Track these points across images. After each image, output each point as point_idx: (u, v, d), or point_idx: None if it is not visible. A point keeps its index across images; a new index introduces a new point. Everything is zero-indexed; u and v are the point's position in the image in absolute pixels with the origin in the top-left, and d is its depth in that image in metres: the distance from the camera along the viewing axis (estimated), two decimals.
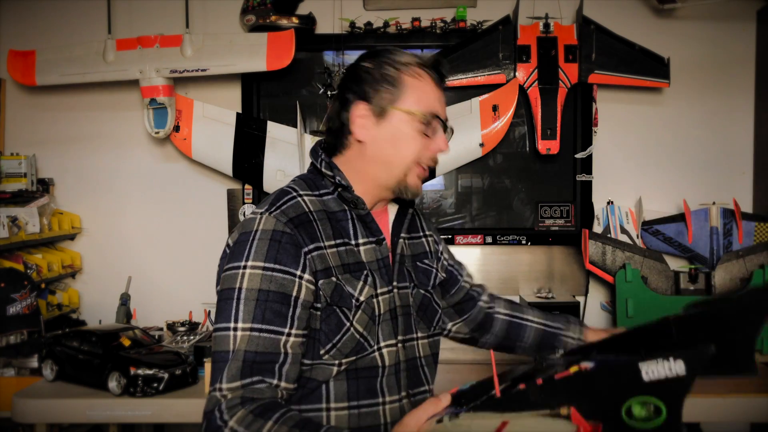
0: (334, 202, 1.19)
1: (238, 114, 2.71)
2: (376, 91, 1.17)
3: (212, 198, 2.84)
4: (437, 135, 1.20)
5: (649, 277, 2.58)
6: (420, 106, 1.17)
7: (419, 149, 1.19)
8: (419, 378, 1.22)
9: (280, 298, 1.07)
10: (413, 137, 1.18)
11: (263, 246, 1.08)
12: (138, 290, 2.64)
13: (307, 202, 1.16)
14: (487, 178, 2.84)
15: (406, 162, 1.18)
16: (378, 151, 1.19)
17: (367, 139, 1.19)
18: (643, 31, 2.73)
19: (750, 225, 2.64)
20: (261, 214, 1.12)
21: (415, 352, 1.22)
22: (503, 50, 2.66)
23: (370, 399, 1.15)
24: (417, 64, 1.19)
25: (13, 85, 2.82)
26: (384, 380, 1.16)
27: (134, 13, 2.81)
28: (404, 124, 1.18)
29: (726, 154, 2.83)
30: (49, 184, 2.80)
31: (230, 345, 1.05)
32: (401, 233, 1.26)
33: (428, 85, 1.19)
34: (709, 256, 2.65)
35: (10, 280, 2.17)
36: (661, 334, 0.85)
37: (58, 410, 1.82)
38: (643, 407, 0.73)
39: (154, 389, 1.85)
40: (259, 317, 1.06)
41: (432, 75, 1.20)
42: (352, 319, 1.12)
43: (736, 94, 2.82)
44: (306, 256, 1.09)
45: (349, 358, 1.12)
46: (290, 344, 1.07)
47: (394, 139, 1.18)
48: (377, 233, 1.20)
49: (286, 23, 2.64)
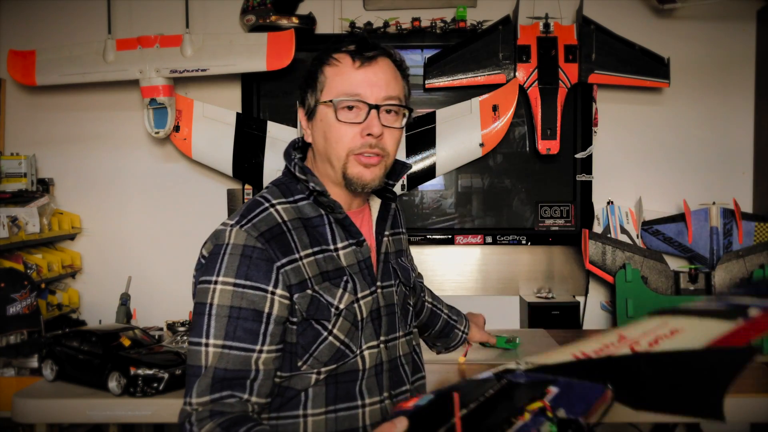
0: (309, 208, 1.15)
1: (238, 114, 2.72)
2: (305, 93, 1.17)
3: (212, 198, 2.84)
4: (368, 118, 1.12)
5: (649, 277, 2.58)
6: (336, 93, 1.13)
7: (348, 138, 1.12)
8: (401, 377, 1.20)
9: (251, 315, 1.05)
10: (336, 126, 1.12)
11: (234, 261, 1.06)
12: (138, 290, 2.64)
13: (280, 211, 1.12)
14: (487, 178, 2.84)
15: (340, 155, 1.13)
16: (318, 149, 1.17)
17: (311, 140, 1.18)
18: (643, 31, 2.73)
19: (750, 225, 2.64)
20: (231, 227, 1.09)
21: (396, 351, 1.20)
22: (503, 50, 2.66)
23: (348, 402, 1.12)
24: (339, 52, 1.14)
25: (13, 85, 2.82)
26: (364, 383, 1.13)
27: (134, 13, 2.81)
28: (326, 116, 1.14)
29: (726, 154, 2.83)
30: (49, 184, 2.80)
31: (202, 360, 1.04)
32: (385, 230, 1.24)
33: (346, 67, 1.13)
34: (709, 256, 2.65)
35: (10, 280, 2.17)
36: (628, 369, 0.85)
37: (58, 410, 1.82)
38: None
39: (154, 389, 1.84)
40: (230, 334, 1.04)
41: (352, 54, 1.13)
42: (331, 328, 1.09)
43: (736, 94, 2.82)
44: (279, 270, 1.06)
45: (329, 366, 1.09)
46: (262, 360, 1.05)
47: (324, 133, 1.15)
48: (357, 235, 1.16)
49: (286, 23, 2.64)
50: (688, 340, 0.86)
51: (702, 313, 0.89)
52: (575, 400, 0.85)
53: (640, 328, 0.93)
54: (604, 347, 0.90)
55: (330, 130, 1.13)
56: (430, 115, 2.70)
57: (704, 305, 0.92)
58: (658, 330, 0.92)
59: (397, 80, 1.16)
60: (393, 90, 1.14)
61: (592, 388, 0.84)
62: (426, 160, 2.69)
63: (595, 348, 0.90)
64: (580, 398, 0.85)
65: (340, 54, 1.14)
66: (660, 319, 0.93)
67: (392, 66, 1.16)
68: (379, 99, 1.13)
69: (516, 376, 0.91)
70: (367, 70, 1.13)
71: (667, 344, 0.86)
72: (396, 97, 1.15)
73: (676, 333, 0.88)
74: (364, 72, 1.13)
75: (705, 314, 0.90)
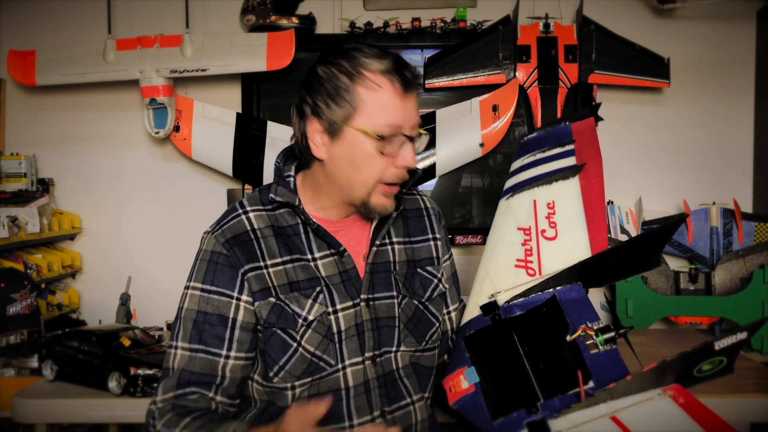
0: (288, 216, 1.12)
1: (238, 114, 2.71)
2: (328, 107, 1.05)
3: (212, 198, 2.83)
4: (403, 149, 1.07)
5: (649, 277, 2.58)
6: (377, 123, 1.03)
7: (381, 168, 1.06)
8: (399, 392, 1.13)
9: (217, 320, 1.05)
10: (372, 156, 1.05)
11: (203, 267, 1.08)
12: (138, 290, 2.64)
13: (251, 219, 1.10)
14: (487, 178, 2.83)
15: (367, 183, 1.07)
16: (337, 170, 1.08)
17: (325, 157, 1.08)
18: (643, 31, 2.73)
19: (750, 225, 2.64)
20: (207, 233, 1.11)
21: (392, 365, 1.13)
22: (503, 50, 2.66)
23: (334, 424, 1.07)
24: (374, 71, 1.04)
25: (13, 85, 2.82)
26: (352, 402, 1.08)
27: (134, 13, 2.81)
28: (361, 144, 1.05)
29: (726, 154, 2.83)
30: (49, 184, 2.79)
31: (170, 363, 1.06)
32: (390, 239, 1.18)
33: (387, 95, 1.04)
34: (709, 256, 2.64)
35: (10, 280, 2.16)
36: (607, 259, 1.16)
37: (58, 410, 1.82)
38: (710, 363, 0.97)
39: (154, 389, 1.84)
40: (195, 338, 1.06)
41: (393, 81, 1.04)
42: (299, 340, 1.05)
43: (736, 94, 2.82)
44: (243, 277, 1.06)
45: (303, 380, 1.06)
46: (229, 367, 1.05)
47: (352, 158, 1.06)
48: (336, 245, 1.11)
49: (286, 23, 2.64)
50: (573, 202, 1.17)
51: (547, 176, 1.23)
52: (578, 310, 1.15)
53: (519, 214, 1.24)
54: (527, 254, 1.18)
55: (363, 158, 1.05)
56: (430, 115, 2.70)
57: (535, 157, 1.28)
58: (539, 208, 1.22)
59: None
60: (419, 118, 1.09)
61: (574, 290, 1.16)
62: (426, 160, 2.69)
63: (519, 256, 1.18)
64: (579, 305, 1.16)
65: (376, 75, 1.04)
66: (527, 195, 1.25)
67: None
68: (414, 129, 1.07)
69: (507, 311, 1.15)
70: (409, 100, 1.06)
71: (562, 214, 1.17)
72: (420, 122, 1.10)
73: (554, 203, 1.19)
74: (405, 102, 1.05)
75: (550, 176, 1.23)
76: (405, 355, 1.15)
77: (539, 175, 1.25)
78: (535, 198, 1.23)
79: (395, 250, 1.18)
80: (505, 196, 1.30)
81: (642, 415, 0.98)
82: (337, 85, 1.04)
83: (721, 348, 0.96)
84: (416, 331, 1.16)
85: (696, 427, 0.95)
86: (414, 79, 1.06)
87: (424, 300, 1.19)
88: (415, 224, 1.23)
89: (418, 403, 1.16)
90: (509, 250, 1.21)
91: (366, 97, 1.03)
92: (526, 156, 1.30)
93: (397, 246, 1.18)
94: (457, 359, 1.18)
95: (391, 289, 1.14)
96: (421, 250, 1.22)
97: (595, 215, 1.17)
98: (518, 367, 1.09)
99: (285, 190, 1.11)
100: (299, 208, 1.10)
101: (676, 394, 0.97)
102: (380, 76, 1.04)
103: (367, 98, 1.03)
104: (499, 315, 1.15)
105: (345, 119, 1.04)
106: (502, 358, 1.12)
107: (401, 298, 1.15)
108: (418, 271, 1.19)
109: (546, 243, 1.18)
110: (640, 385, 1.00)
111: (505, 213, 1.27)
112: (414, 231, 1.22)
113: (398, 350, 1.14)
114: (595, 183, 1.19)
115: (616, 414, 0.99)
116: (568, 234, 1.18)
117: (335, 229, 1.14)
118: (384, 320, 1.12)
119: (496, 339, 1.13)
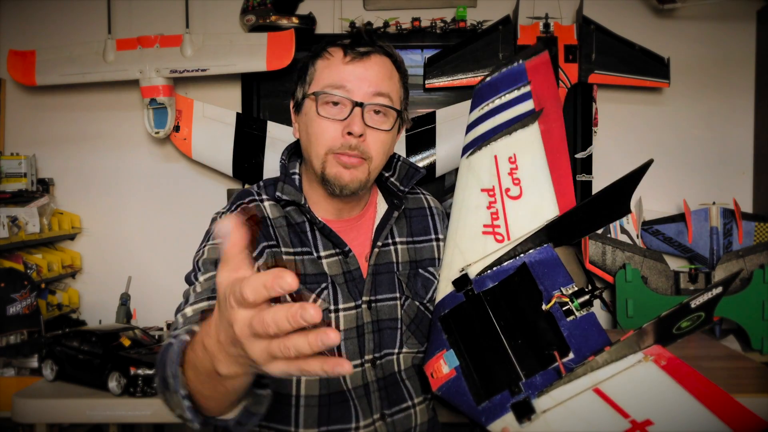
0: (295, 213, 1.11)
1: (238, 114, 2.71)
2: (296, 85, 1.11)
3: (212, 198, 2.83)
4: (352, 116, 1.03)
5: (649, 277, 2.58)
6: (320, 85, 1.04)
7: (328, 135, 1.04)
8: (400, 394, 1.12)
9: None
10: (316, 121, 1.04)
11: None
12: (138, 290, 2.64)
13: (266, 208, 1.09)
14: None
15: (318, 151, 1.05)
16: (303, 146, 1.09)
17: (297, 136, 1.11)
18: (643, 31, 2.73)
19: (750, 225, 2.64)
20: (218, 215, 1.09)
21: (393, 367, 1.11)
22: (503, 50, 2.66)
23: (342, 424, 1.06)
24: (334, 46, 1.07)
25: (13, 85, 2.82)
26: (357, 402, 1.07)
27: (134, 13, 2.81)
28: (309, 110, 1.06)
29: (726, 154, 2.83)
30: (49, 184, 2.79)
31: (188, 293, 1.04)
32: (393, 239, 1.16)
33: (336, 60, 1.05)
34: (709, 256, 2.65)
35: (10, 280, 2.17)
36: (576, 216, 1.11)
37: (58, 410, 1.82)
38: (689, 320, 0.97)
39: (154, 389, 1.84)
40: (213, 270, 1.02)
41: (344, 48, 1.05)
42: None
43: (736, 94, 2.82)
44: (265, 249, 1.03)
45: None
46: None
47: (306, 128, 1.07)
48: (341, 245, 1.09)
49: (286, 23, 2.64)
50: (535, 153, 1.09)
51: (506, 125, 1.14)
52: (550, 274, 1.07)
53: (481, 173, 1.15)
54: (493, 218, 1.10)
55: (311, 125, 1.05)
56: (430, 115, 2.70)
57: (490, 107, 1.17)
58: (501, 165, 1.14)
59: (391, 80, 1.07)
60: (384, 88, 1.05)
61: (544, 252, 1.07)
62: (426, 160, 2.69)
63: (486, 221, 1.10)
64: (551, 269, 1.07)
65: (334, 47, 1.07)
66: (487, 150, 1.16)
67: (388, 65, 1.08)
68: (366, 96, 1.04)
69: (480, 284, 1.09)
70: (358, 65, 1.04)
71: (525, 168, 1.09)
72: (386, 95, 1.06)
73: (516, 157, 1.11)
74: (354, 66, 1.04)
75: (509, 125, 1.13)
76: (407, 356, 1.14)
77: (498, 126, 1.14)
78: (495, 153, 1.13)
79: (398, 251, 1.17)
80: (464, 154, 1.19)
81: (625, 384, 0.96)
82: (305, 64, 1.11)
83: (698, 305, 0.95)
84: (418, 333, 1.15)
85: (679, 389, 0.93)
86: (369, 44, 1.06)
87: (426, 301, 1.17)
88: (418, 224, 1.21)
89: (420, 406, 1.15)
90: (475, 216, 1.12)
91: (319, 66, 1.08)
92: (481, 106, 1.19)
93: (400, 246, 1.17)
94: (435, 342, 1.12)
95: (394, 291, 1.13)
96: (424, 251, 1.20)
97: (558, 164, 1.08)
98: (497, 345, 1.04)
99: (290, 188, 1.10)
100: (305, 207, 1.09)
101: (657, 357, 0.95)
102: (336, 47, 1.07)
103: (319, 66, 1.08)
104: (472, 290, 1.08)
105: (304, 92, 1.09)
106: (480, 337, 1.06)
107: (404, 299, 1.14)
108: (419, 271, 1.18)
109: (511, 203, 1.10)
110: (620, 352, 0.97)
111: (467, 173, 1.17)
112: (417, 231, 1.21)
113: (400, 352, 1.12)
114: (555, 128, 1.10)
115: (599, 386, 0.96)
116: (533, 190, 1.09)
117: (338, 228, 1.13)
118: (386, 322, 1.11)
119: (472, 316, 1.07)
